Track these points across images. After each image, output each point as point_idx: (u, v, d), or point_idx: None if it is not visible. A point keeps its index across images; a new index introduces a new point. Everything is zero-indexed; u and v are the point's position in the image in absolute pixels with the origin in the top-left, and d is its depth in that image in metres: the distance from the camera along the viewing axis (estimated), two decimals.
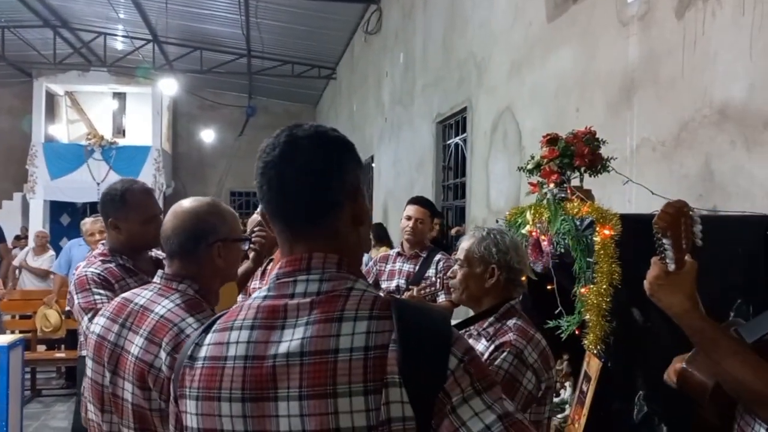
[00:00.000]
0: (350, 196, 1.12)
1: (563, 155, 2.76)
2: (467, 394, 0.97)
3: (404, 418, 0.96)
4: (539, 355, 1.95)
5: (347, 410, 0.96)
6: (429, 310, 1.09)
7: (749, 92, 2.69)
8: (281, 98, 17.21)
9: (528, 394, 1.88)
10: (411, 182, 7.75)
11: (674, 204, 1.56)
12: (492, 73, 5.44)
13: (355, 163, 1.15)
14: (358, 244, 1.16)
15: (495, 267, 2.06)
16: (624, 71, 3.57)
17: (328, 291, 1.06)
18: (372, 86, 10.25)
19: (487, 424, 0.96)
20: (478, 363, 1.02)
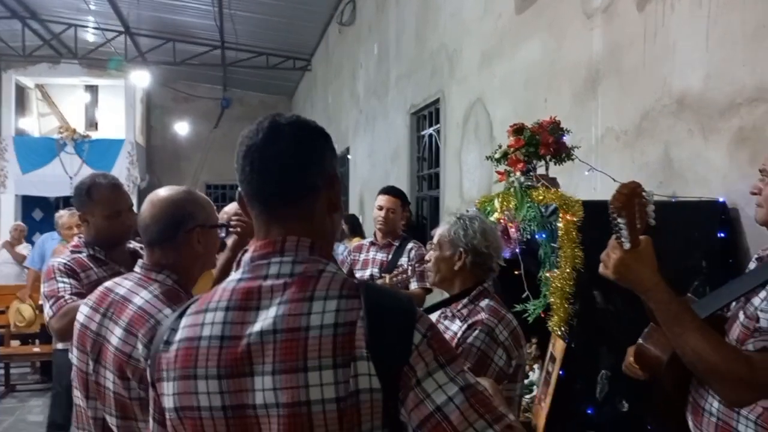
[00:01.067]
0: (327, 183, 1.19)
1: (529, 144, 2.85)
2: (431, 368, 1.04)
3: (371, 390, 1.03)
4: (510, 333, 2.06)
5: (317, 383, 1.03)
6: (395, 292, 1.18)
7: (705, 82, 2.79)
8: (256, 90, 17.14)
9: (499, 370, 1.99)
10: (386, 173, 7.81)
11: (628, 185, 1.62)
12: (463, 65, 5.51)
13: (331, 152, 1.23)
14: (331, 230, 1.23)
15: (462, 251, 2.16)
16: (589, 62, 3.66)
17: (300, 273, 1.12)
18: (347, 78, 10.27)
19: (449, 395, 1.02)
20: (441, 338, 1.09)
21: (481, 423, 1.01)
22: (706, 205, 2.65)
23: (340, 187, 1.23)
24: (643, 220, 1.66)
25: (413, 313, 1.08)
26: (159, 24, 12.77)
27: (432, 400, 1.02)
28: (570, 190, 2.87)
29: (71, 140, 15.43)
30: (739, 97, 2.61)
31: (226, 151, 9.95)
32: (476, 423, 1.00)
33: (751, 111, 2.55)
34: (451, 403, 1.02)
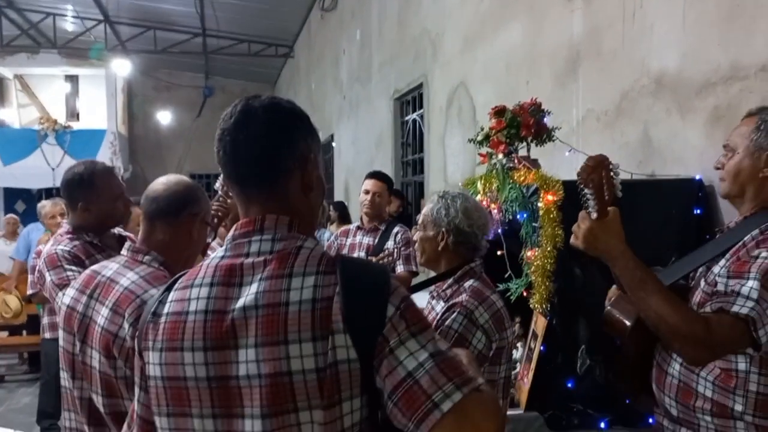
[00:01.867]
0: (300, 164, 1.21)
1: (510, 126, 2.89)
2: (403, 337, 1.09)
3: (349, 360, 1.08)
4: (491, 316, 1.98)
5: (297, 355, 1.08)
6: (370, 265, 1.21)
7: (682, 61, 2.84)
8: (239, 78, 17.02)
9: (478, 354, 1.91)
10: (371, 159, 7.83)
11: (595, 158, 1.69)
12: (446, 49, 5.53)
13: (307, 133, 1.24)
14: (309, 209, 1.25)
15: (444, 230, 2.14)
16: (569, 44, 3.70)
17: (279, 250, 1.16)
18: (330, 64, 10.25)
19: (420, 361, 1.07)
20: (413, 309, 1.13)
21: (450, 386, 1.05)
22: (683, 183, 2.70)
23: (316, 167, 1.25)
24: (610, 191, 1.71)
25: (387, 286, 1.12)
26: (139, 12, 12.64)
27: (404, 366, 1.07)
28: (552, 171, 2.91)
29: (52, 131, 15.26)
30: (714, 76, 2.66)
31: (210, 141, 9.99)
32: (446, 386, 1.05)
33: (726, 90, 2.60)
34: (421, 368, 1.06)
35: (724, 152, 1.84)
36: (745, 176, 1.76)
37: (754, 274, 1.59)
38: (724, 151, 1.84)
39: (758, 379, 1.66)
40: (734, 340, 1.59)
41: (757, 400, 1.65)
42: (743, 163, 1.76)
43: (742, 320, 1.56)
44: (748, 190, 1.77)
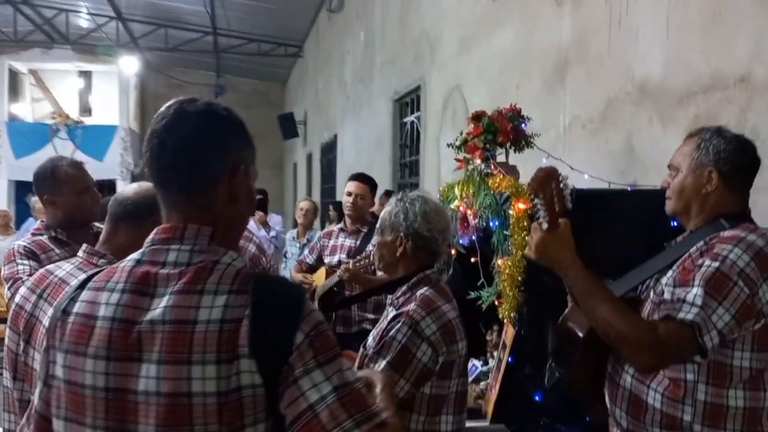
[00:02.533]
0: (230, 173, 1.17)
1: (487, 131, 2.83)
2: (309, 367, 1.05)
3: (254, 386, 1.04)
4: (440, 327, 1.87)
5: (200, 377, 1.04)
6: (286, 286, 1.15)
7: (665, 69, 2.78)
8: (250, 77, 17.07)
9: (423, 367, 1.83)
10: (371, 160, 7.79)
11: (545, 169, 1.74)
12: (443, 51, 5.49)
13: (240, 142, 1.20)
14: (235, 220, 1.20)
15: (403, 235, 2.04)
16: (558, 49, 3.64)
17: (196, 263, 1.12)
18: (335, 64, 10.23)
19: (323, 394, 1.03)
20: (324, 337, 1.09)
21: (349, 423, 1.02)
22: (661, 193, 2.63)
23: (246, 178, 1.20)
24: (561, 203, 1.75)
25: (299, 312, 1.08)
26: (151, 10, 12.69)
27: (306, 397, 1.03)
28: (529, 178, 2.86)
29: (64, 126, 15.41)
30: (695, 85, 2.60)
31: None
32: (345, 423, 1.02)
33: (707, 99, 2.54)
34: (323, 402, 1.03)
35: (669, 172, 1.88)
36: (689, 193, 1.81)
37: (698, 281, 1.62)
38: (670, 171, 1.88)
39: (706, 389, 1.66)
40: (681, 345, 1.60)
41: (705, 409, 1.65)
42: (686, 181, 1.81)
43: (688, 326, 1.58)
44: (693, 207, 1.81)
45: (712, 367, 1.65)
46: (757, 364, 1.65)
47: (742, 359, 1.65)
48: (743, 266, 1.60)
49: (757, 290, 1.60)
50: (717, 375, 1.65)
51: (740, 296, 1.58)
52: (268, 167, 17.33)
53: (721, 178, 1.75)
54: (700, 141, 1.80)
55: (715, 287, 1.59)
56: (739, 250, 1.62)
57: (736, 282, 1.59)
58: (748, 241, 1.64)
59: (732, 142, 1.79)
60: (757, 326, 1.63)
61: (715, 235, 1.71)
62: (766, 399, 1.66)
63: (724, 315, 1.58)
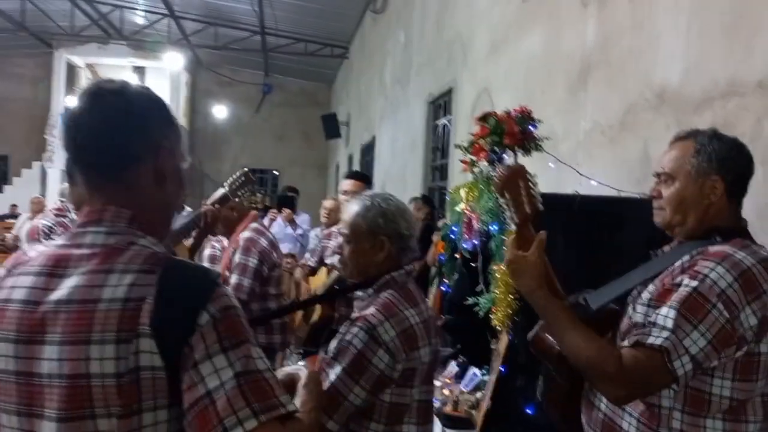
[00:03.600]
0: (152, 153, 1.13)
1: (493, 133, 2.75)
2: (211, 351, 0.99)
3: (153, 368, 1.00)
4: (400, 333, 1.75)
5: (98, 357, 1.00)
6: (199, 268, 1.10)
7: (684, 75, 2.65)
8: (297, 77, 17.22)
9: (380, 374, 1.71)
10: (405, 163, 7.74)
11: (511, 167, 1.66)
12: (474, 54, 5.40)
13: (162, 120, 1.16)
14: (163, 203, 1.17)
15: (385, 239, 1.88)
16: (582, 54, 3.53)
17: (110, 244, 1.08)
18: (377, 66, 10.22)
19: (223, 380, 0.98)
20: (233, 320, 1.03)
21: (246, 411, 0.97)
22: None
23: (173, 158, 1.16)
24: (531, 203, 1.66)
25: (208, 291, 1.03)
26: (202, 8, 12.94)
27: (205, 383, 0.98)
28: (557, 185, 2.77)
29: None
30: (713, 91, 2.47)
31: (266, 136, 10.23)
32: (241, 411, 0.97)
33: (724, 105, 2.41)
34: (221, 389, 0.98)
35: (658, 180, 1.70)
36: (688, 205, 1.63)
37: (672, 302, 1.47)
38: (658, 179, 1.70)
39: (681, 417, 1.52)
40: (650, 375, 1.46)
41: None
42: (686, 191, 1.62)
43: (657, 351, 1.44)
44: (690, 218, 1.64)
45: (689, 394, 1.51)
46: (739, 394, 1.50)
47: (722, 387, 1.50)
48: (724, 287, 1.45)
49: (738, 314, 1.44)
50: (694, 403, 1.51)
51: (718, 320, 1.43)
52: (313, 167, 17.47)
53: (726, 187, 1.59)
54: (699, 146, 1.62)
55: (691, 309, 1.44)
56: (722, 269, 1.46)
57: (714, 304, 1.44)
58: (733, 259, 1.48)
59: (734, 147, 1.62)
60: (739, 354, 1.48)
61: (702, 249, 1.56)
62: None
63: (698, 340, 1.43)
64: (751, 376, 1.50)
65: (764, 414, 1.54)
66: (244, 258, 3.55)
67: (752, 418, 1.52)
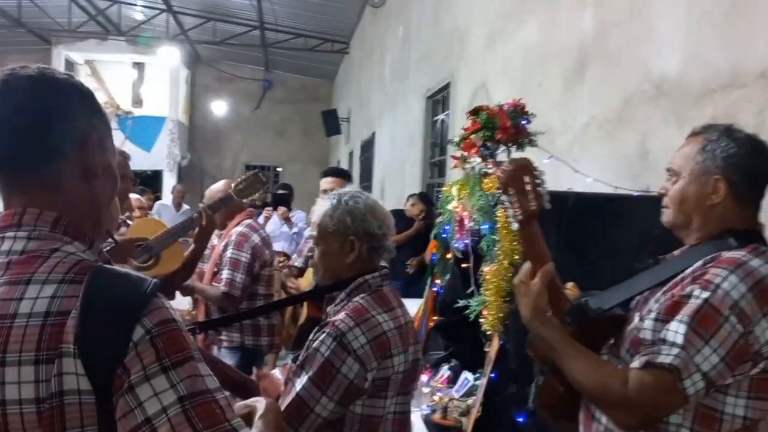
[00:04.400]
0: (77, 146, 1.01)
1: (485, 128, 2.64)
2: (150, 371, 0.88)
3: (80, 392, 0.88)
4: (371, 340, 1.66)
5: (14, 380, 0.88)
6: (133, 277, 0.96)
7: (683, 66, 2.53)
8: (298, 72, 17.08)
9: (349, 384, 1.62)
10: (403, 159, 7.63)
11: (517, 160, 1.55)
12: (471, 47, 5.28)
13: (88, 110, 1.04)
14: (91, 202, 1.04)
15: (354, 239, 1.80)
16: (579, 44, 3.40)
17: (31, 251, 0.96)
18: (376, 61, 10.10)
19: (164, 405, 0.87)
20: (174, 336, 0.91)
21: None
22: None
23: (102, 151, 1.04)
24: (538, 200, 1.57)
25: (142, 304, 0.91)
26: (200, 3, 12.81)
27: (143, 409, 0.87)
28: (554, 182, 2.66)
29: (115, 116, 15.73)
30: (713, 82, 2.35)
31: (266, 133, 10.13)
32: None
33: (725, 98, 2.29)
34: (163, 415, 0.86)
35: (668, 176, 1.60)
36: (690, 204, 1.53)
37: (682, 316, 1.36)
38: (668, 175, 1.61)
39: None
40: (660, 396, 1.37)
41: None
42: (688, 190, 1.53)
43: (667, 371, 1.34)
44: (695, 219, 1.53)
45: (699, 411, 1.40)
46: (753, 414, 1.39)
47: (736, 406, 1.39)
48: (738, 298, 1.33)
49: (753, 328, 1.33)
50: (705, 421, 1.40)
51: (732, 335, 1.32)
52: (314, 164, 17.34)
53: (730, 188, 1.48)
54: (706, 142, 1.52)
55: (702, 323, 1.34)
56: (735, 278, 1.35)
57: (727, 318, 1.33)
58: (748, 267, 1.37)
59: (744, 145, 1.50)
60: (755, 371, 1.37)
61: (716, 255, 1.44)
62: None
63: (711, 356, 1.33)
64: (767, 395, 1.39)
65: None
66: (237, 253, 3.46)
67: None
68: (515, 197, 1.55)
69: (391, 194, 8.22)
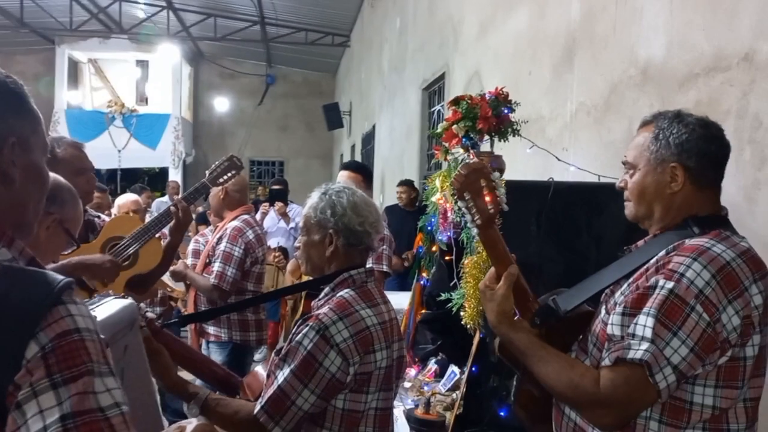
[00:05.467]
0: None
1: (466, 117, 2.58)
2: (38, 388, 0.83)
3: None
4: (354, 334, 1.67)
5: None
6: (39, 282, 0.91)
7: (668, 49, 2.47)
8: (300, 67, 17.06)
9: (331, 378, 1.64)
10: (402, 151, 7.58)
11: (470, 164, 1.54)
12: (464, 36, 5.22)
13: (9, 111, 1.00)
14: (12, 204, 1.00)
15: (332, 232, 1.82)
16: (567, 31, 3.34)
17: None
18: (375, 53, 10.05)
19: (46, 424, 0.82)
20: (69, 351, 0.86)
21: None
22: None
23: (22, 153, 1.01)
24: (495, 203, 1.55)
25: (39, 314, 0.86)
26: None
27: (27, 427, 0.82)
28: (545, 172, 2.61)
29: (119, 114, 15.78)
30: (697, 66, 2.29)
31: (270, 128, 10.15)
32: None
33: (708, 82, 2.23)
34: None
35: (625, 169, 1.58)
36: (650, 195, 1.50)
37: (649, 309, 1.34)
38: (625, 168, 1.58)
39: (659, 427, 1.38)
40: (632, 392, 1.35)
41: None
42: (646, 180, 1.50)
43: (638, 366, 1.32)
44: (657, 209, 1.51)
45: (667, 403, 1.37)
46: (722, 403, 1.36)
47: (704, 396, 1.36)
48: (702, 287, 1.31)
49: (720, 316, 1.31)
50: (672, 412, 1.37)
51: (699, 324, 1.30)
52: (317, 157, 17.33)
53: (688, 174, 1.45)
54: (658, 131, 1.49)
55: (668, 314, 1.31)
56: (699, 266, 1.33)
57: (693, 307, 1.31)
58: (711, 253, 1.34)
59: (695, 129, 1.47)
60: (723, 359, 1.34)
61: (678, 243, 1.42)
62: None
63: (680, 348, 1.30)
64: (735, 383, 1.36)
65: (747, 420, 1.40)
66: (230, 246, 3.46)
67: (734, 426, 1.39)
68: (471, 202, 1.53)
69: (390, 187, 8.18)
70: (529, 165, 3.13)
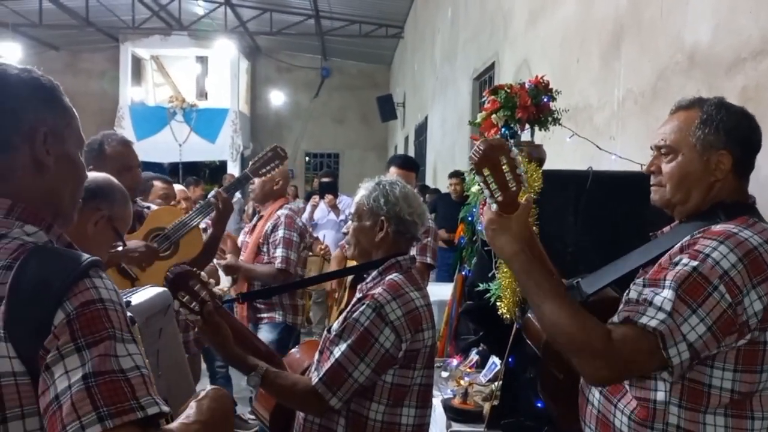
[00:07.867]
0: (28, 139, 1.05)
1: (504, 107, 2.56)
2: (64, 351, 0.91)
3: (15, 374, 0.92)
4: (406, 313, 1.81)
5: None
6: (68, 259, 0.99)
7: (714, 34, 2.39)
8: (355, 59, 17.14)
9: (385, 353, 1.78)
10: (453, 142, 7.55)
11: (489, 140, 1.49)
12: (514, 25, 5.16)
13: (38, 103, 1.08)
14: (45, 191, 1.08)
15: (384, 219, 1.95)
16: (615, 17, 3.27)
17: None
18: (428, 44, 10.01)
19: (71, 383, 0.89)
20: (92, 318, 0.94)
21: (91, 416, 0.87)
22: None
23: (56, 144, 1.08)
24: (517, 180, 1.49)
25: (66, 287, 0.94)
26: None
27: (55, 386, 0.90)
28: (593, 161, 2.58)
29: (180, 109, 16.20)
30: (744, 50, 2.21)
31: (326, 120, 10.31)
32: (86, 417, 0.87)
33: (756, 66, 2.15)
34: (68, 392, 0.89)
35: (657, 153, 1.54)
36: (692, 181, 1.47)
37: (670, 282, 1.32)
38: (657, 152, 1.53)
39: (678, 411, 1.37)
40: (639, 357, 1.33)
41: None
42: (690, 167, 1.46)
43: (650, 334, 1.31)
44: (694, 196, 1.47)
45: (686, 386, 1.36)
46: (742, 387, 1.34)
47: (723, 379, 1.34)
48: (727, 268, 1.30)
49: (742, 299, 1.30)
50: (692, 396, 1.36)
51: (720, 304, 1.29)
52: (372, 149, 17.41)
53: (733, 161, 1.43)
54: (705, 116, 1.45)
55: (690, 291, 1.30)
56: (725, 249, 1.31)
57: (716, 287, 1.29)
58: (739, 237, 1.33)
59: (743, 118, 1.46)
60: (742, 342, 1.32)
61: (705, 228, 1.40)
62: (754, 429, 1.35)
63: (697, 325, 1.29)
64: (755, 367, 1.34)
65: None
66: (289, 233, 3.61)
67: (759, 413, 1.36)
68: (492, 177, 1.47)
69: (442, 178, 8.15)
70: (576, 155, 3.08)
